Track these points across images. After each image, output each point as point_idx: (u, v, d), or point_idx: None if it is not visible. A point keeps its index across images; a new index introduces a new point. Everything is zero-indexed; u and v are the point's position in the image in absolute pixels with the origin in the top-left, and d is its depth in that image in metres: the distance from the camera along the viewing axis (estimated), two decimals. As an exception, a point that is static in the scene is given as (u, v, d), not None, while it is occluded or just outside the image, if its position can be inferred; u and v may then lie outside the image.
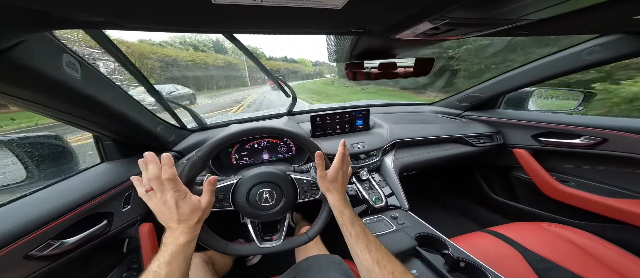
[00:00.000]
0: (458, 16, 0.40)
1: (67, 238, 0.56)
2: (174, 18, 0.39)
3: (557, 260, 0.66)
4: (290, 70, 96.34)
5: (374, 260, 0.49)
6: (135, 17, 0.38)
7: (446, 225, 1.45)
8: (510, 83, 1.21)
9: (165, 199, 0.49)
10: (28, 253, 0.49)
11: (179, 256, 0.46)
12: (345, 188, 0.69)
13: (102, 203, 0.64)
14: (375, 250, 0.51)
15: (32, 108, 0.53)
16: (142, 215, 0.78)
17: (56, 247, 0.53)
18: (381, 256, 0.50)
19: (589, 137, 1.01)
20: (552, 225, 0.79)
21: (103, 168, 0.76)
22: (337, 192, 0.64)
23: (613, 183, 1.01)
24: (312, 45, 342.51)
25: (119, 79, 0.73)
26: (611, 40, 0.82)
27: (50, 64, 0.46)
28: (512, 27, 0.48)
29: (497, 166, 1.37)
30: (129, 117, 0.72)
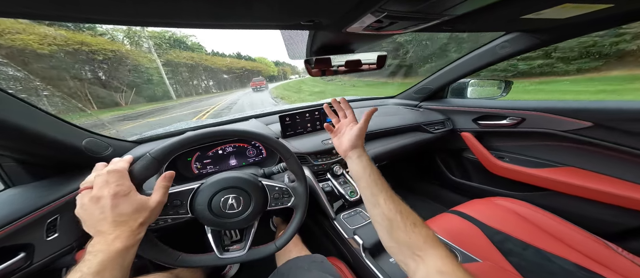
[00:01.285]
0: (394, 9, 0.42)
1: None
2: (103, 8, 0.32)
3: (507, 231, 0.73)
4: (247, 69, 73.97)
5: (397, 210, 0.45)
6: (53, 6, 0.30)
7: (417, 209, 1.53)
8: (451, 75, 1.31)
9: (100, 195, 0.39)
10: None
11: (112, 265, 0.36)
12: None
13: (12, 234, 0.51)
14: (398, 201, 0.47)
15: None
16: (78, 241, 0.64)
17: None
18: (403, 207, 0.46)
19: (512, 118, 1.15)
20: (499, 199, 0.88)
21: (8, 195, 0.58)
22: (363, 149, 0.57)
23: (535, 155, 1.18)
24: (269, 42, 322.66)
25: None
26: (514, 37, 0.94)
27: None
28: (440, 22, 0.53)
29: (451, 149, 1.48)
30: (32, 131, 0.55)
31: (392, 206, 0.46)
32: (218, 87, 40.08)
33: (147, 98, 30.56)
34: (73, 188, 0.64)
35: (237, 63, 48.25)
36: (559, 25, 0.78)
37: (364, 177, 0.51)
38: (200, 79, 33.74)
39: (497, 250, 0.68)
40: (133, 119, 13.05)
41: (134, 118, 13.71)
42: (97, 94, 25.62)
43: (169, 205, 0.50)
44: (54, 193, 0.60)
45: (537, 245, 0.67)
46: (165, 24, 0.42)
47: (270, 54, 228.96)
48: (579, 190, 0.97)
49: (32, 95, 0.84)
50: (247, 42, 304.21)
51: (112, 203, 0.39)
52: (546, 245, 0.66)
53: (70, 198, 0.62)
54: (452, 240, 0.71)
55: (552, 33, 0.86)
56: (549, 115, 1.03)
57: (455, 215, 0.84)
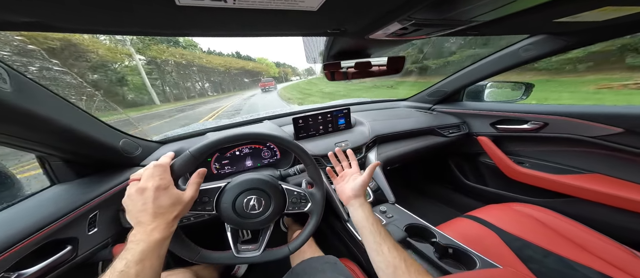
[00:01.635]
0: (422, 17, 0.42)
1: (26, 270, 0.49)
2: (133, 20, 0.33)
3: (527, 238, 0.71)
4: (247, 70, 64.88)
5: (401, 257, 0.46)
6: (76, 18, 0.31)
7: (429, 213, 1.52)
8: (468, 78, 1.28)
9: (145, 186, 0.43)
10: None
11: (152, 254, 0.39)
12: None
13: (62, 228, 0.55)
14: (401, 249, 0.49)
15: None
16: (114, 236, 0.68)
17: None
18: (407, 255, 0.47)
19: (534, 122, 1.11)
20: (518, 205, 0.85)
21: (56, 192, 0.63)
22: (365, 198, 0.60)
23: (558, 161, 1.13)
24: (270, 42, 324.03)
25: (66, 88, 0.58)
26: (539, 40, 0.91)
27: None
28: (466, 28, 0.53)
29: (466, 154, 1.44)
30: (80, 132, 0.60)
31: (396, 254, 0.47)
32: (214, 89, 33.15)
33: (120, 102, 24.51)
34: (110, 186, 0.68)
35: (236, 63, 40.35)
36: (591, 28, 0.74)
37: (366, 225, 0.53)
38: (193, 80, 27.45)
39: (516, 256, 0.66)
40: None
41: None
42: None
43: (199, 201, 0.53)
44: (95, 190, 0.65)
45: (559, 253, 0.64)
46: (212, 35, 0.44)
47: (271, 54, 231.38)
48: (606, 198, 0.91)
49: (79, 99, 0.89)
50: (246, 41, 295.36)
51: (154, 195, 0.42)
52: (569, 252, 0.64)
53: (109, 195, 0.66)
54: (469, 245, 0.70)
55: (582, 36, 0.81)
56: (576, 120, 0.98)
57: (471, 220, 0.82)
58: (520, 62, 1.02)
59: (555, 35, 0.88)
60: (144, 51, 34.04)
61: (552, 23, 0.64)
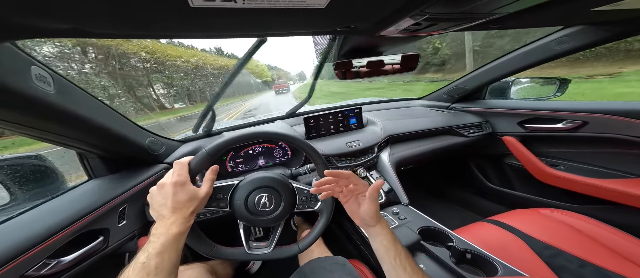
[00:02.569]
0: (437, 11, 0.39)
1: (64, 257, 0.52)
2: (149, 24, 0.35)
3: (560, 246, 0.63)
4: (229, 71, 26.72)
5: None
6: (106, 23, 0.33)
7: (446, 217, 1.43)
8: (492, 74, 1.19)
9: (164, 182, 0.46)
10: (24, 273, 0.46)
11: (170, 247, 0.41)
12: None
13: (96, 219, 0.59)
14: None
15: (6, 127, 0.46)
16: (140, 229, 0.72)
17: (53, 266, 0.50)
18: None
19: (570, 121, 1.00)
20: (550, 210, 0.76)
21: (92, 186, 0.69)
22: (385, 221, 0.53)
23: (597, 163, 0.99)
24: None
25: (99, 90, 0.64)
26: (576, 31, 0.83)
27: (18, 78, 0.40)
28: (486, 21, 0.48)
29: (489, 155, 1.34)
30: (113, 130, 0.65)
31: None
32: (180, 98, 21.30)
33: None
34: (138, 181, 0.73)
35: (214, 61, 30.33)
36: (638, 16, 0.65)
37: (392, 257, 0.48)
38: (144, 85, 17.41)
39: (546, 265, 0.58)
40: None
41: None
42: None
43: (213, 197, 0.55)
44: (125, 185, 0.70)
45: (597, 263, 0.56)
46: (223, 36, 0.45)
47: (261, 56, 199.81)
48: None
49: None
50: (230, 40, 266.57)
51: (173, 190, 0.45)
52: (608, 262, 0.55)
53: (136, 190, 0.71)
54: (490, 251, 0.64)
55: (628, 25, 0.72)
56: (620, 119, 0.87)
57: (494, 225, 0.75)
58: (554, 55, 0.93)
59: (595, 26, 0.79)
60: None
61: (590, 13, 0.57)
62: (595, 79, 5.27)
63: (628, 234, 0.63)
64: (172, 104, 20.31)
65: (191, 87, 23.45)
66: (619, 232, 0.64)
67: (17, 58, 0.41)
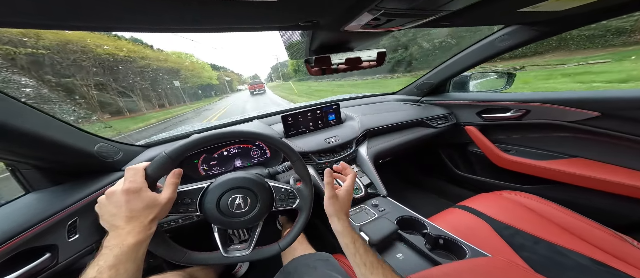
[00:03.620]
0: (392, 7, 0.40)
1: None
2: (84, 11, 0.30)
3: (517, 225, 0.70)
4: (142, 68, 30.71)
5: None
6: (27, 9, 0.28)
7: (422, 205, 1.51)
8: (452, 69, 1.27)
9: (114, 190, 0.41)
10: None
11: (126, 258, 0.36)
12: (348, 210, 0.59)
13: (37, 235, 0.52)
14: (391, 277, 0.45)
15: None
16: (98, 242, 0.63)
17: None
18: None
19: (516, 110, 1.11)
20: (507, 192, 0.84)
21: (29, 200, 0.59)
22: (347, 216, 0.55)
23: (541, 147, 1.13)
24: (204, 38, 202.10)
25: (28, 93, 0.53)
26: (513, 30, 0.91)
27: None
28: (437, 18, 0.51)
29: (456, 144, 1.43)
30: (47, 137, 0.55)
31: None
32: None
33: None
34: (89, 192, 0.64)
35: (115, 43, 18.93)
36: (559, 17, 0.74)
37: (352, 254, 0.49)
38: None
39: (507, 244, 0.64)
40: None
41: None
42: None
43: (180, 202, 0.49)
44: (72, 196, 0.61)
45: (548, 239, 0.63)
46: (168, 30, 0.40)
47: (200, 51, 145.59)
48: (588, 182, 0.92)
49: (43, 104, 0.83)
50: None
51: (125, 198, 0.40)
52: (558, 238, 0.63)
53: (87, 201, 0.62)
54: (459, 235, 0.68)
55: (552, 25, 0.82)
56: (554, 106, 0.99)
57: (462, 210, 0.81)
58: (498, 52, 1.02)
59: (527, 26, 0.88)
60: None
61: (517, 13, 0.64)
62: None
63: (571, 211, 0.72)
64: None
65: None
66: (564, 209, 0.73)
67: None
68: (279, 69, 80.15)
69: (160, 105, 21.32)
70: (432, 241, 0.67)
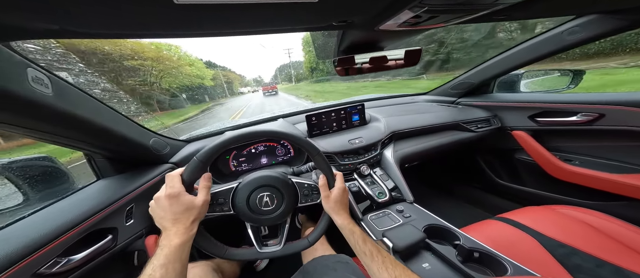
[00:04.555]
0: (436, 2, 0.37)
1: (74, 255, 0.54)
2: (135, 23, 0.35)
3: (576, 245, 0.59)
4: (115, 66, 25.32)
5: (391, 277, 0.45)
6: (92, 23, 0.33)
7: (453, 214, 1.40)
8: (500, 67, 1.16)
9: (159, 196, 0.47)
10: (36, 271, 0.47)
11: (174, 258, 0.42)
12: (348, 206, 0.65)
13: (104, 219, 0.60)
14: (392, 267, 0.46)
15: (7, 130, 0.46)
16: (147, 228, 0.74)
17: (64, 264, 0.51)
18: (399, 272, 0.45)
19: (586, 114, 0.95)
20: (564, 207, 0.72)
21: (99, 186, 0.70)
22: (344, 211, 0.60)
23: (615, 157, 0.95)
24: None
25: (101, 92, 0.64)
26: (589, 21, 0.80)
27: (11, 79, 0.40)
28: (490, 12, 0.45)
29: (498, 150, 1.30)
30: (115, 131, 0.65)
31: (386, 274, 0.47)
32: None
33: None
34: (143, 181, 0.75)
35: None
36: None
37: (353, 245, 0.55)
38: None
39: (560, 264, 0.56)
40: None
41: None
42: None
43: (215, 203, 0.55)
44: (131, 185, 0.71)
45: (616, 263, 0.52)
46: (212, 34, 0.44)
47: (194, 46, 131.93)
48: None
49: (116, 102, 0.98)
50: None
51: (168, 203, 0.46)
52: (628, 262, 0.52)
53: (142, 190, 0.73)
54: (499, 250, 0.61)
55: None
56: (638, 110, 0.83)
57: (503, 223, 0.72)
58: (565, 46, 0.90)
59: (609, 14, 0.75)
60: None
61: (597, 0, 0.56)
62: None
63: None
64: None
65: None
66: (637, 228, 0.60)
67: (12, 60, 0.41)
68: (290, 69, 64.91)
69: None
70: (464, 253, 0.62)
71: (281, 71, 44.62)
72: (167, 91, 35.22)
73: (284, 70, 43.67)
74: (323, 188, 0.60)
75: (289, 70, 37.06)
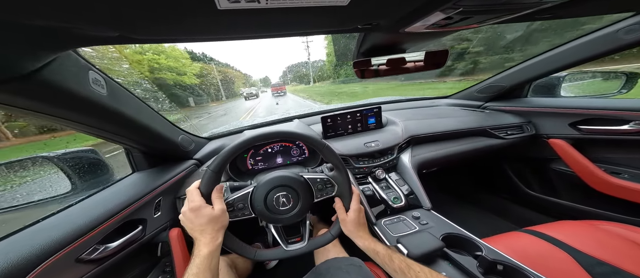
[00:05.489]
0: (472, 3, 0.35)
1: (110, 243, 0.58)
2: (182, 28, 0.39)
3: (618, 263, 0.54)
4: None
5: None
6: (145, 30, 0.38)
7: (475, 224, 1.33)
8: (538, 69, 1.08)
9: (184, 210, 0.51)
10: (79, 256, 0.51)
11: (204, 267, 0.47)
12: (366, 226, 0.68)
13: (137, 210, 0.66)
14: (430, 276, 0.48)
15: (65, 124, 0.54)
16: (171, 221, 0.80)
17: (101, 251, 0.56)
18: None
19: (639, 122, 0.86)
20: (607, 223, 0.66)
21: (134, 179, 0.78)
22: (364, 231, 0.63)
23: None
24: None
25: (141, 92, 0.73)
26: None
27: (78, 81, 0.47)
28: (533, 11, 0.42)
29: (530, 159, 1.22)
30: (153, 128, 0.73)
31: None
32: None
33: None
34: (171, 175, 0.81)
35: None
36: None
37: (381, 264, 0.58)
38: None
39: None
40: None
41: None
42: None
43: (236, 209, 0.59)
44: (161, 178, 0.78)
45: None
46: (249, 37, 0.47)
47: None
48: None
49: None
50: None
51: (193, 216, 0.50)
52: None
53: (169, 184, 0.79)
54: (526, 262, 0.57)
55: None
56: None
57: (532, 236, 0.68)
58: (622, 46, 0.82)
59: None
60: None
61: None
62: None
63: None
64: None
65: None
66: None
67: (78, 64, 0.48)
68: (307, 68, 53.68)
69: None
70: (486, 265, 0.59)
71: (291, 71, 42.10)
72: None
73: (294, 69, 40.86)
74: (340, 211, 0.63)
75: (300, 69, 33.40)
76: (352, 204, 0.64)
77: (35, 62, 0.38)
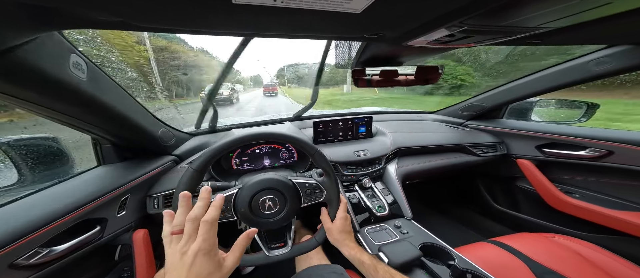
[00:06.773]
0: (476, 23, 0.39)
1: (56, 246, 0.53)
2: (193, 18, 0.38)
3: (564, 273, 0.66)
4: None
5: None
6: (152, 17, 0.38)
7: (449, 234, 1.48)
8: (515, 93, 1.22)
9: (186, 250, 0.38)
10: (13, 262, 0.46)
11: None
12: (352, 234, 0.71)
13: (96, 208, 0.61)
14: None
15: (31, 109, 0.51)
16: (137, 221, 0.76)
17: (44, 255, 0.51)
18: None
19: (595, 149, 1.02)
20: (557, 236, 0.80)
21: (99, 172, 0.74)
22: (350, 240, 0.66)
23: (618, 195, 1.02)
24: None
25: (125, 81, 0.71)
26: (621, 51, 0.81)
27: (56, 64, 0.45)
28: (526, 36, 0.48)
29: (500, 176, 1.38)
30: (132, 119, 0.70)
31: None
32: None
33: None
34: (144, 171, 0.77)
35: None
36: None
37: (365, 274, 0.61)
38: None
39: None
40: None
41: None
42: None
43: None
44: (131, 174, 0.74)
45: None
46: (260, 34, 0.48)
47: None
48: None
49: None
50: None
51: (193, 261, 0.37)
52: None
53: (140, 181, 0.75)
54: (490, 271, 0.67)
55: None
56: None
57: (496, 246, 0.79)
58: (591, 77, 0.92)
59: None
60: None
61: (636, 31, 0.58)
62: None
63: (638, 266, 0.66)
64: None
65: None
66: (628, 263, 0.67)
67: (61, 45, 0.46)
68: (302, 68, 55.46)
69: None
70: (458, 274, 0.68)
71: (287, 70, 40.75)
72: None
73: (290, 69, 39.49)
74: (325, 220, 0.66)
75: (296, 70, 32.31)
76: (339, 212, 0.67)
77: (15, 40, 0.36)
